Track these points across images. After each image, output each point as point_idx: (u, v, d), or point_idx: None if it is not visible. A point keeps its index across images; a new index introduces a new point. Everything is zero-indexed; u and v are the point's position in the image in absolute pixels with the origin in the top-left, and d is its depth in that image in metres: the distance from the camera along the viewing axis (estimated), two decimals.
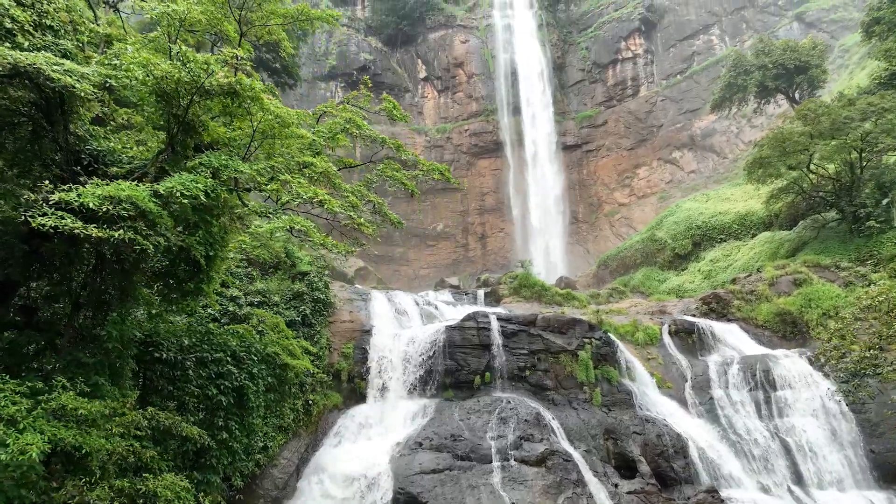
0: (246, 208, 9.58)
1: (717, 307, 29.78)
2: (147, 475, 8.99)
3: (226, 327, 15.41)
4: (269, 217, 11.26)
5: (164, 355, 12.92)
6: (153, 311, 11.66)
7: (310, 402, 19.62)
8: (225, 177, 9.24)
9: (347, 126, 14.03)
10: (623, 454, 19.55)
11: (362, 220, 12.40)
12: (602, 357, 22.45)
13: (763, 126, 74.41)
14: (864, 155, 29.17)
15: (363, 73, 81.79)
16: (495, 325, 21.92)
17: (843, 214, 31.38)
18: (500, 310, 25.87)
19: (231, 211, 10.80)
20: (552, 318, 22.73)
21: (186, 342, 13.55)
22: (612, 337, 23.65)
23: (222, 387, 13.70)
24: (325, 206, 10.32)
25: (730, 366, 24.64)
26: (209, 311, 19.20)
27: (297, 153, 10.86)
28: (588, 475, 17.95)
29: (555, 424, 19.30)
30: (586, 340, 22.41)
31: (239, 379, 14.00)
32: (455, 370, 21.12)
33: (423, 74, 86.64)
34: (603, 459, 19.40)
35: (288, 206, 11.94)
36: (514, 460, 17.49)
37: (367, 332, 22.09)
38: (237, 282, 21.90)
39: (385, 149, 16.48)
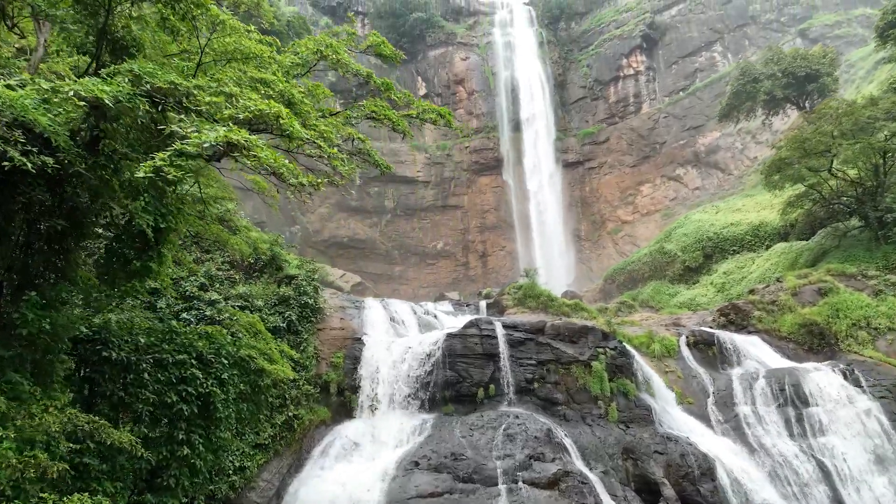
0: (171, 127, 7.69)
1: (736, 318, 27.79)
2: (46, 495, 7.00)
3: (192, 326, 13.49)
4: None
5: (115, 355, 10.99)
6: (93, 296, 9.71)
7: (294, 416, 17.58)
8: (148, 86, 7.40)
9: (324, 51, 11.83)
10: (644, 476, 17.44)
11: (334, 150, 10.24)
12: (617, 369, 20.42)
13: (769, 142, 73.29)
14: (887, 157, 27.52)
15: (362, 89, 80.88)
16: (500, 332, 19.94)
17: (866, 221, 29.58)
18: (504, 319, 23.91)
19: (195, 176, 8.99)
20: (562, 325, 20.74)
21: (143, 341, 11.62)
22: (628, 347, 21.64)
23: (184, 393, 11.73)
24: (283, 125, 8.34)
25: (755, 380, 22.59)
26: (177, 308, 17.32)
27: (255, 73, 9.04)
28: (606, 499, 15.85)
29: (568, 442, 17.22)
30: (600, 350, 20.41)
31: (205, 385, 12.02)
32: (456, 382, 19.07)
33: (423, 91, 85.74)
34: (622, 482, 17.28)
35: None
36: (523, 482, 15.39)
37: (359, 341, 20.08)
38: (217, 285, 20.05)
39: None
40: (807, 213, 34.16)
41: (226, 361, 12.64)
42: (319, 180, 9.62)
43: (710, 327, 27.56)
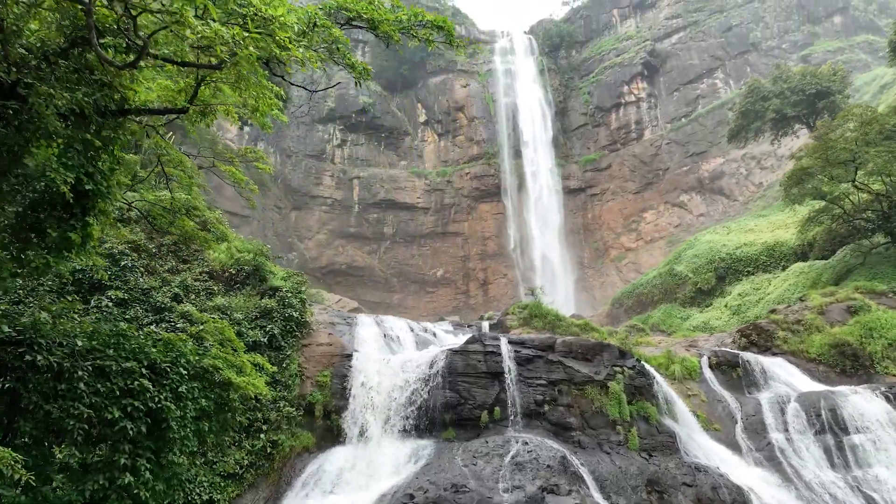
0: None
1: (758, 339, 25.72)
2: None
3: (146, 329, 11.55)
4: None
5: (42, 359, 9.03)
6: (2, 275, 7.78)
7: (272, 442, 15.45)
8: None
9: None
10: None
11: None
12: (636, 390, 18.32)
13: (774, 167, 72.20)
14: None
15: (362, 115, 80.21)
16: (506, 349, 17.89)
17: (893, 237, 27.82)
18: (510, 335, 21.86)
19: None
20: (575, 342, 18.69)
21: (81, 344, 9.67)
22: (648, 367, 19.56)
23: (130, 408, 9.70)
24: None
25: (786, 404, 20.43)
26: (146, 320, 15.41)
27: None
28: None
29: (584, 472, 15.04)
30: (617, 369, 18.33)
31: (157, 399, 10.00)
32: (457, 404, 16.93)
33: (423, 118, 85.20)
34: None
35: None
36: None
37: (349, 357, 17.96)
38: (193, 296, 18.16)
39: None
40: (826, 230, 32.38)
41: (184, 372, 10.64)
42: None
43: (731, 349, 25.52)
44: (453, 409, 16.86)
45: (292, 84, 9.74)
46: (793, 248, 36.24)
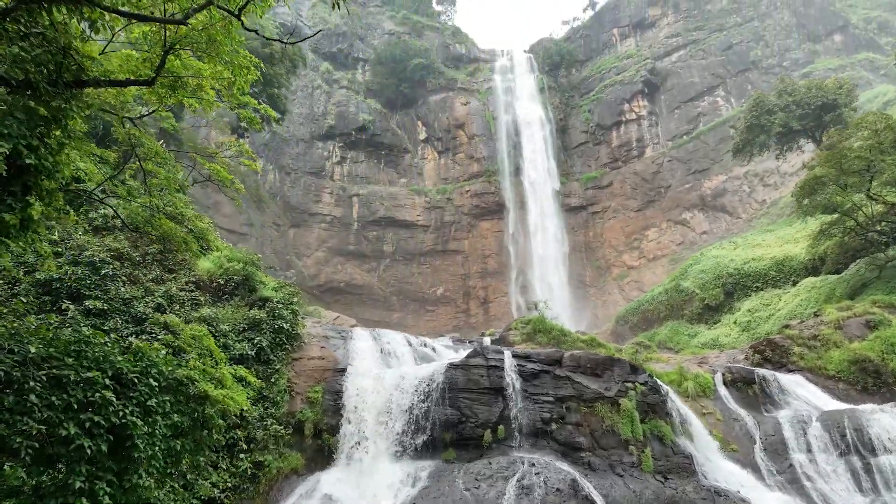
0: None
1: (773, 356, 24.56)
2: None
3: (114, 336, 10.45)
4: None
5: None
6: None
7: (258, 463, 14.24)
8: None
9: None
10: None
11: None
12: (650, 408, 17.14)
13: (777, 184, 71.54)
14: None
15: (362, 133, 79.71)
16: (510, 363, 16.74)
17: None
18: (515, 349, 20.66)
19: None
20: (583, 356, 17.53)
21: (35, 350, 8.59)
22: (661, 383, 18.39)
23: (88, 424, 8.59)
24: None
25: (808, 423, 19.24)
26: (126, 332, 14.31)
27: None
28: None
29: (597, 497, 13.81)
30: (629, 385, 17.17)
31: (121, 414, 8.89)
32: (458, 422, 15.73)
33: (423, 136, 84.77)
34: None
35: None
36: None
37: (342, 372, 16.80)
38: (177, 307, 17.09)
39: None
40: (838, 244, 31.36)
41: (155, 383, 9.53)
42: None
43: (744, 366, 24.34)
44: (454, 427, 15.67)
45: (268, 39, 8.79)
46: (803, 262, 35.18)
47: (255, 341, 16.33)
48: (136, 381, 9.31)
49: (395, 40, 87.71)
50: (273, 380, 15.80)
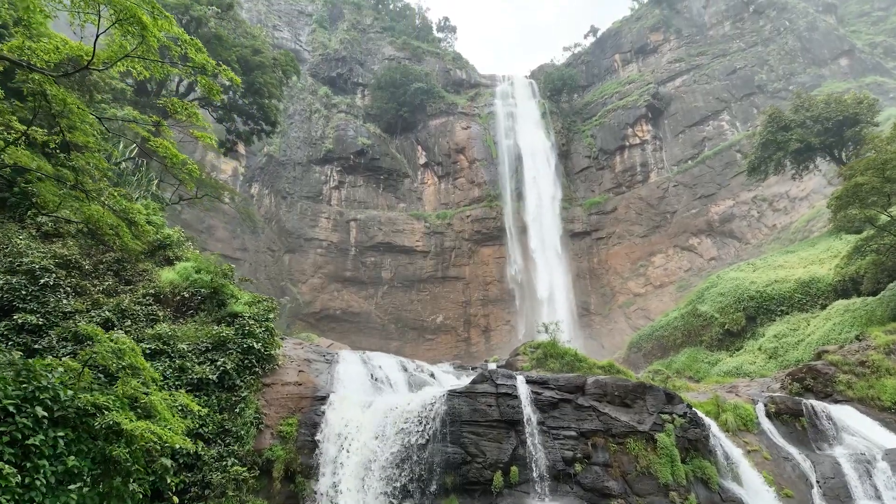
0: None
1: (814, 385, 21.77)
2: None
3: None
4: None
5: None
6: None
7: None
8: None
9: None
10: None
11: None
12: (690, 444, 14.34)
13: (787, 209, 69.42)
14: None
15: (360, 157, 77.89)
16: (524, 390, 13.99)
17: None
18: (529, 373, 17.86)
19: None
20: (610, 382, 14.78)
21: None
22: (701, 414, 15.60)
23: None
24: None
25: (871, 464, 16.42)
26: (62, 352, 11.66)
27: None
28: None
29: None
30: (665, 417, 14.39)
31: None
32: (462, 462, 12.90)
33: (423, 160, 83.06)
34: None
35: None
36: None
37: (322, 401, 13.96)
38: (129, 322, 14.44)
39: None
40: (872, 262, 28.80)
41: (45, 414, 6.88)
42: None
43: (781, 395, 21.53)
44: (457, 468, 12.82)
45: None
46: (831, 284, 32.55)
47: (219, 364, 13.61)
48: (13, 411, 6.62)
49: (395, 65, 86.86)
50: (238, 410, 13.02)
